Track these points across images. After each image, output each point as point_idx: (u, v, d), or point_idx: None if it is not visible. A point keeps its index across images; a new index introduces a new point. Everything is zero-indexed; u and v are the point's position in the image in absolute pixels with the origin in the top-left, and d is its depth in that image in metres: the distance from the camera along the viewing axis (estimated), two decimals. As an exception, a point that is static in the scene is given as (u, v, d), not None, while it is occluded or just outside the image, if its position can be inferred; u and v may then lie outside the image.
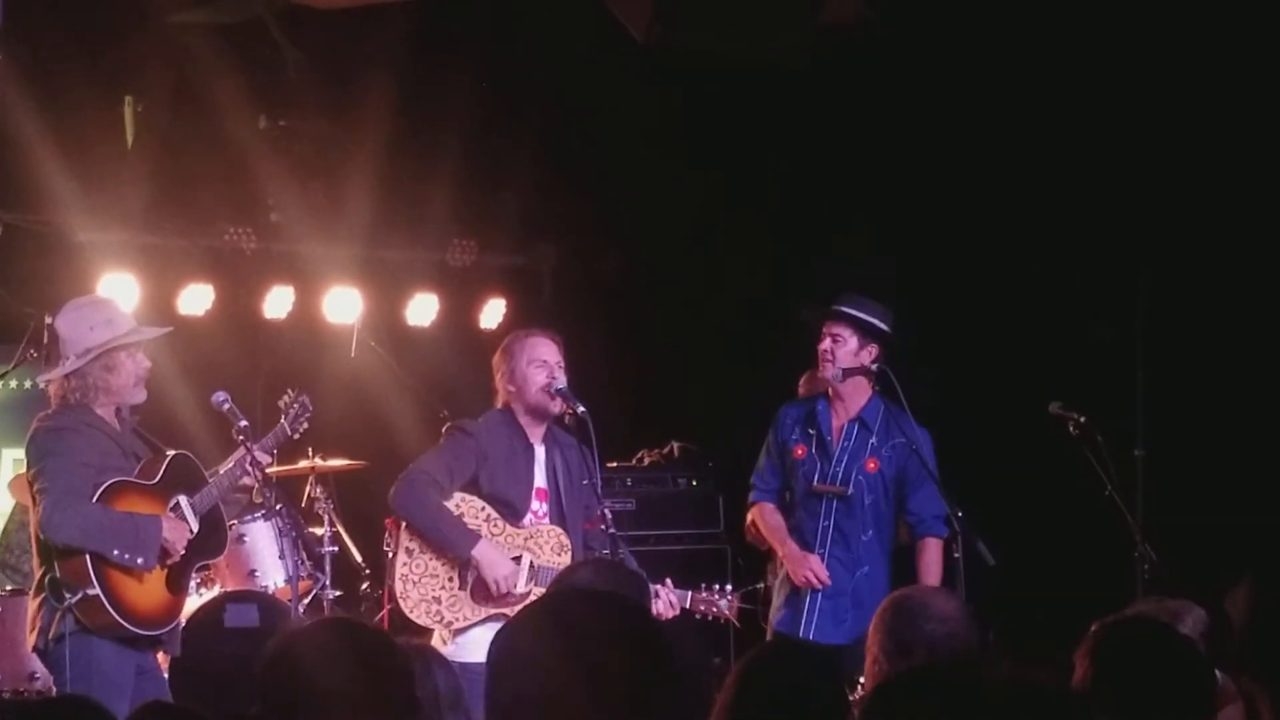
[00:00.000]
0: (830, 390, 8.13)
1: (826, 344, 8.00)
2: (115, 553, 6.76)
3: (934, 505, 7.99)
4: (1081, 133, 9.42)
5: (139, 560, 6.81)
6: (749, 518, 8.41)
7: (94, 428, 6.93)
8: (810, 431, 8.11)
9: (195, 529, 7.09)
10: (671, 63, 8.79)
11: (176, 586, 7.05)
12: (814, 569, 7.95)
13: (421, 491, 7.44)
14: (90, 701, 3.78)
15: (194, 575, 8.51)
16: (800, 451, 8.12)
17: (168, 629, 7.02)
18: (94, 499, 6.80)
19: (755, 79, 9.31)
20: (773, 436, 8.23)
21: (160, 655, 7.27)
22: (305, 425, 7.84)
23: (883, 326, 8.00)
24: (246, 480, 7.38)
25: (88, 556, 6.73)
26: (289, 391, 7.84)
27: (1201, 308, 9.46)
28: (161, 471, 7.06)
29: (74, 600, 6.68)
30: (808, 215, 10.50)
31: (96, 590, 6.71)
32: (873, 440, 8.03)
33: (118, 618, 6.75)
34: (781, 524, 8.15)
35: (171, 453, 7.17)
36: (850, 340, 7.97)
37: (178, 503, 7.06)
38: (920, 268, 10.29)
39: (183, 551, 7.00)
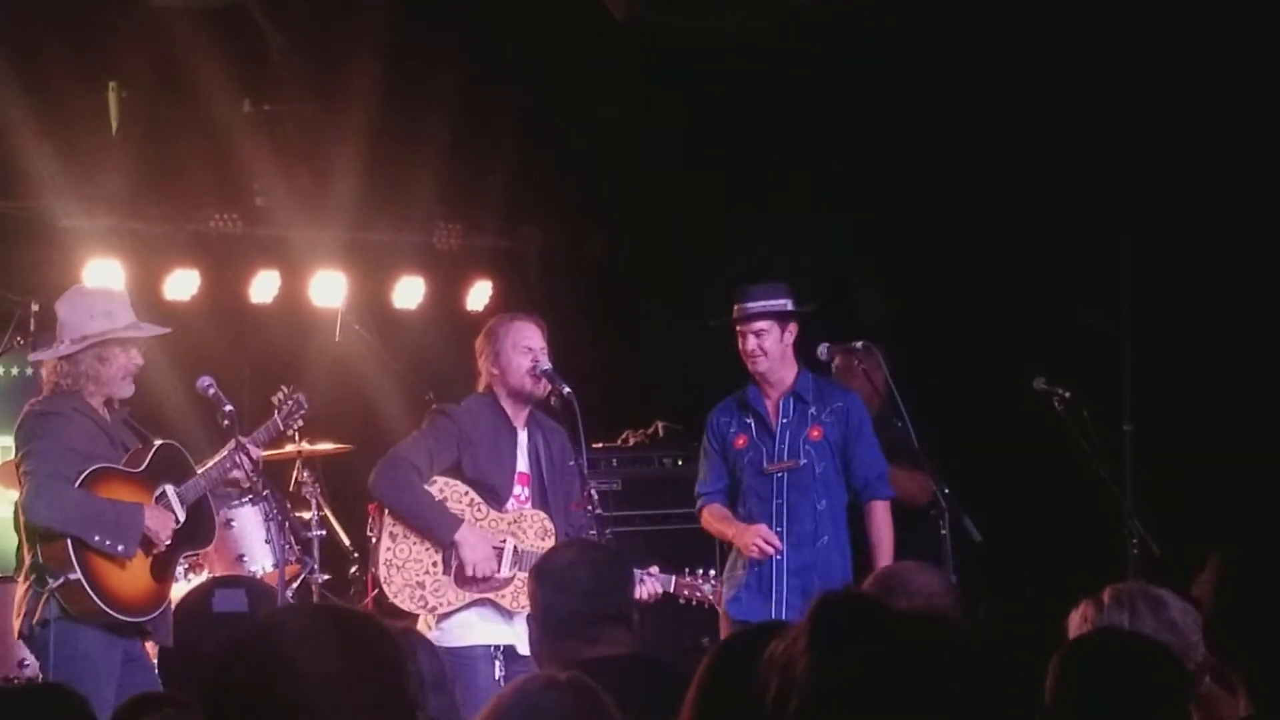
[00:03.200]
0: (756, 376, 8.13)
1: (752, 343, 8.04)
2: (96, 538, 6.76)
3: (876, 465, 8.07)
4: (1061, 105, 9.40)
5: (119, 547, 6.81)
6: (701, 524, 8.32)
7: (83, 414, 6.93)
8: (747, 420, 8.11)
9: (181, 518, 7.09)
10: (654, 42, 8.78)
11: (161, 575, 7.05)
12: (763, 534, 7.90)
13: (401, 476, 7.43)
14: (67, 689, 3.73)
15: (181, 562, 8.56)
16: (742, 441, 8.09)
17: (151, 617, 7.00)
18: (77, 484, 6.80)
19: (739, 59, 9.30)
20: (709, 440, 8.22)
21: (150, 644, 7.27)
22: (299, 422, 7.84)
23: (790, 306, 8.06)
24: (236, 473, 7.39)
25: (69, 541, 6.74)
26: (283, 388, 7.83)
27: (1187, 281, 9.46)
28: (148, 460, 7.06)
29: (56, 585, 6.68)
30: (793, 196, 10.49)
31: (78, 575, 6.70)
32: (811, 410, 8.06)
33: (100, 603, 6.74)
34: (727, 513, 8.09)
35: (159, 442, 7.17)
36: (773, 329, 8.03)
37: (164, 491, 7.06)
38: (902, 245, 10.31)
39: (168, 541, 7.01)
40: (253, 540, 8.95)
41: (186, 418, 8.36)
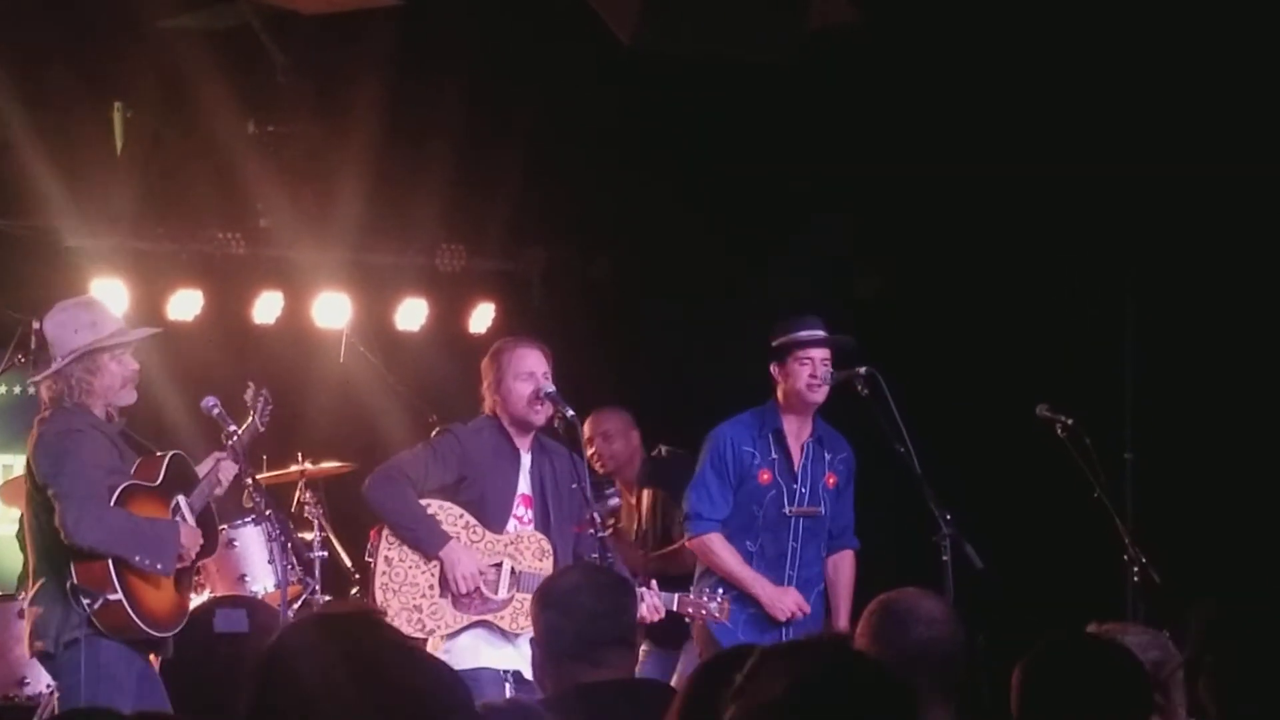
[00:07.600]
0: (808, 405, 8.02)
1: (820, 370, 7.93)
2: (138, 559, 6.77)
3: (851, 514, 8.16)
4: (1069, 131, 9.42)
5: (159, 566, 6.84)
6: (689, 544, 8.19)
7: (96, 429, 6.91)
8: (772, 456, 8.00)
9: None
10: (659, 66, 8.79)
11: (183, 589, 7.10)
12: (797, 601, 7.92)
13: (396, 485, 7.45)
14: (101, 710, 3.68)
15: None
16: (767, 477, 8.00)
17: (178, 630, 7.04)
18: (111, 503, 6.80)
19: (744, 82, 9.31)
20: (724, 460, 8.02)
21: (152, 657, 7.29)
22: (266, 418, 7.80)
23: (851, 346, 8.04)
24: (221, 489, 7.41)
25: (110, 561, 6.73)
26: (250, 384, 7.79)
27: (1192, 310, 9.48)
28: (163, 472, 7.06)
29: (95, 605, 6.69)
30: (797, 219, 10.51)
31: (119, 595, 6.71)
32: (827, 455, 8.05)
33: (139, 622, 6.77)
34: (741, 559, 8.00)
35: (171, 453, 7.17)
36: (828, 361, 7.98)
37: (178, 504, 7.08)
38: (907, 271, 10.32)
39: (195, 556, 7.07)
40: (255, 560, 8.95)
41: (189, 437, 8.37)
